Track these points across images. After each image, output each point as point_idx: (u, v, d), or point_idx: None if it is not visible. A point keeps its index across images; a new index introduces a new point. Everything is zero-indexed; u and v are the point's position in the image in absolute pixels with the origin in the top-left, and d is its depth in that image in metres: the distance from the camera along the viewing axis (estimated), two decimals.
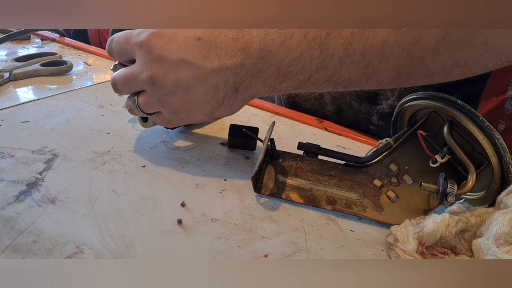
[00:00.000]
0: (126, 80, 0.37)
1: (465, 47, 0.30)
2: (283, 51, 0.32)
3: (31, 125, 0.44)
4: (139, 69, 0.35)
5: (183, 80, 0.34)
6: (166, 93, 0.35)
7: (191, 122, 0.38)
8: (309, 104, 0.63)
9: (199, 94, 0.35)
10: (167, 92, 0.35)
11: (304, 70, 0.33)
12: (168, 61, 0.33)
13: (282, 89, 0.35)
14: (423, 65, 0.32)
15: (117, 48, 0.37)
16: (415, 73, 0.33)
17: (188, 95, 0.35)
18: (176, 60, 0.33)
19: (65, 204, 0.33)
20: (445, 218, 0.32)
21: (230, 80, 0.34)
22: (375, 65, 0.32)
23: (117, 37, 0.37)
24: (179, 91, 0.34)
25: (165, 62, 0.33)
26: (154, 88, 0.35)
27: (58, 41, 0.78)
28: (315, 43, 0.32)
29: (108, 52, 0.39)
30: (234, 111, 0.37)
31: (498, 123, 0.49)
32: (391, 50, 0.31)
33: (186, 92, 0.34)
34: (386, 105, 0.55)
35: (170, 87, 0.34)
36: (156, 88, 0.35)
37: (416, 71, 0.32)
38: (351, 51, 0.32)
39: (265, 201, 0.37)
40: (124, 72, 0.37)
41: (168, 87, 0.34)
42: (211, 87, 0.34)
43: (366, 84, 0.34)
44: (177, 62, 0.33)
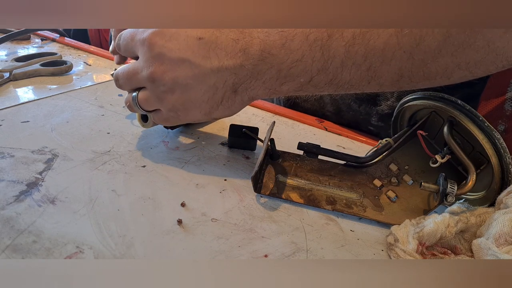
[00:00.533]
0: (128, 76, 0.37)
1: (466, 49, 0.30)
2: (284, 53, 0.32)
3: (31, 125, 0.44)
4: (141, 66, 0.36)
5: (182, 78, 0.34)
6: (165, 91, 0.35)
7: (189, 121, 0.38)
8: (309, 105, 0.63)
9: (198, 93, 0.35)
10: (165, 89, 0.35)
11: (305, 72, 0.33)
12: (168, 59, 0.34)
13: (282, 91, 0.35)
14: (425, 67, 0.32)
15: (123, 44, 0.38)
16: (417, 75, 0.32)
17: (186, 93, 0.35)
18: (176, 58, 0.34)
19: (65, 204, 0.33)
20: (445, 218, 0.32)
21: (229, 80, 0.34)
22: (376, 68, 0.32)
23: (124, 34, 0.38)
24: (177, 89, 0.35)
25: (165, 60, 0.34)
26: (153, 85, 0.35)
27: (58, 41, 0.78)
28: (316, 45, 0.32)
29: (116, 48, 0.40)
30: (233, 112, 0.37)
31: (497, 124, 0.49)
32: (393, 52, 0.31)
33: (184, 90, 0.35)
34: (386, 106, 0.55)
35: (169, 84, 0.35)
36: (155, 85, 0.35)
37: (418, 74, 0.32)
38: (353, 53, 0.32)
39: (265, 201, 0.37)
40: (127, 68, 0.37)
41: (167, 84, 0.35)
42: (209, 86, 0.34)
43: (367, 86, 0.34)
44: (176, 60, 0.34)
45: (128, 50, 0.38)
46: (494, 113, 0.49)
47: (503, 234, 0.29)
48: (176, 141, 0.45)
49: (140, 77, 0.36)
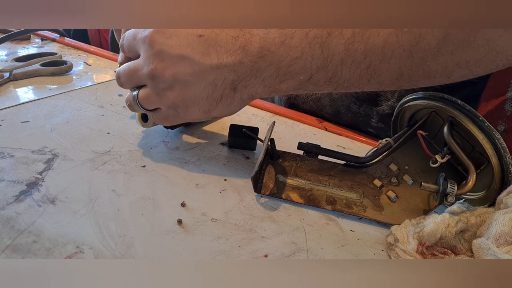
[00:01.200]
0: (129, 73, 0.37)
1: (466, 48, 0.30)
2: (283, 50, 0.32)
3: (31, 125, 0.44)
4: (141, 64, 0.36)
5: (182, 75, 0.34)
6: (165, 88, 0.35)
7: (189, 119, 0.38)
8: (307, 107, 0.63)
9: (197, 90, 0.35)
10: (165, 86, 0.35)
11: (304, 70, 0.33)
12: (168, 56, 0.34)
13: (282, 89, 0.35)
14: (425, 66, 0.32)
15: (126, 44, 0.38)
16: (417, 74, 0.32)
17: (186, 90, 0.35)
18: (176, 55, 0.34)
19: (65, 204, 0.33)
20: (445, 218, 0.32)
21: (228, 78, 0.34)
22: (376, 66, 0.32)
23: (127, 34, 0.38)
24: (177, 86, 0.35)
25: (165, 56, 0.34)
26: (153, 82, 0.36)
27: (58, 41, 0.78)
28: (316, 42, 0.32)
29: (120, 48, 0.40)
30: (233, 111, 0.37)
31: (497, 124, 0.49)
32: (393, 50, 0.31)
33: (184, 87, 0.35)
34: (386, 106, 0.55)
35: (169, 81, 0.35)
36: (155, 82, 0.35)
37: (418, 72, 0.32)
38: (352, 51, 0.32)
39: (265, 201, 0.37)
40: (128, 66, 0.38)
41: (167, 81, 0.35)
42: (209, 83, 0.34)
43: (367, 85, 0.34)
44: (176, 57, 0.34)
45: (131, 49, 0.38)
46: (494, 113, 0.49)
47: (503, 234, 0.29)
48: (176, 141, 0.45)
49: (141, 74, 0.36)
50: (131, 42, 0.38)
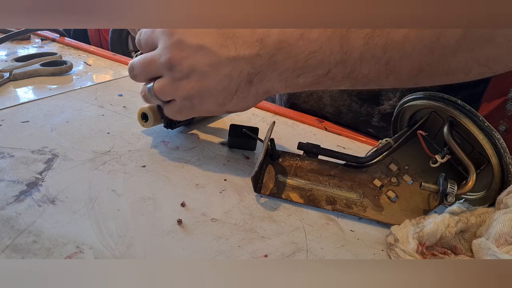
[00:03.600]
0: (145, 64, 0.37)
1: (486, 45, 0.30)
2: (301, 43, 0.32)
3: (31, 125, 0.44)
4: (159, 53, 0.36)
5: (199, 65, 0.34)
6: (181, 77, 0.35)
7: (203, 113, 0.38)
8: (308, 106, 0.63)
9: (213, 82, 0.35)
10: (182, 76, 0.35)
11: (323, 64, 0.33)
12: (187, 46, 0.34)
13: (298, 84, 0.34)
14: (444, 62, 0.31)
15: (144, 38, 0.38)
16: (436, 70, 0.32)
17: (202, 81, 0.35)
18: (194, 45, 0.34)
19: (65, 204, 0.33)
20: (445, 218, 0.32)
21: (245, 70, 0.34)
22: (396, 61, 0.31)
23: (145, 29, 0.38)
24: (193, 76, 0.35)
25: (184, 46, 0.34)
26: (170, 72, 0.35)
27: (58, 41, 0.78)
28: (335, 36, 0.31)
29: (137, 44, 0.40)
30: (247, 106, 0.37)
31: (499, 124, 0.49)
32: (413, 46, 0.30)
33: (200, 78, 0.35)
34: (388, 106, 0.55)
35: (185, 71, 0.35)
36: (172, 72, 0.35)
37: (437, 69, 0.32)
38: (372, 46, 0.31)
39: (265, 201, 0.37)
40: (144, 56, 0.38)
41: (184, 71, 0.35)
42: (225, 75, 0.34)
43: (385, 81, 0.33)
44: (195, 47, 0.34)
45: (148, 43, 0.38)
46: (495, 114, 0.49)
47: (503, 234, 0.29)
48: (176, 141, 0.45)
49: (158, 64, 0.36)
50: (149, 35, 0.37)
